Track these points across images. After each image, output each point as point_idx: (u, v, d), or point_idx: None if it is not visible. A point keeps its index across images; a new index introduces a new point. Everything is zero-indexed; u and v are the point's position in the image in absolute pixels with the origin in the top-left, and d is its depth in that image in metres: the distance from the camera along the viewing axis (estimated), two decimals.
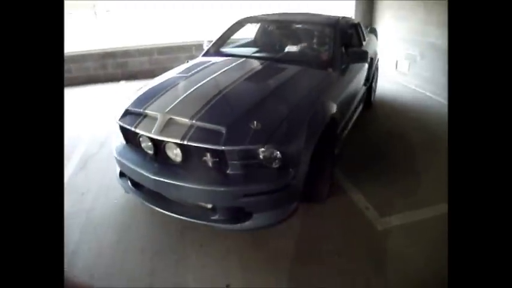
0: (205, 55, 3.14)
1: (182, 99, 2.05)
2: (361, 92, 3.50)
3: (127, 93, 2.47)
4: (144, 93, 2.28)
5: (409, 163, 2.92)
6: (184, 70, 2.62)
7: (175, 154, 1.89)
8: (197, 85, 2.22)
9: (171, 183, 1.85)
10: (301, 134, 1.88)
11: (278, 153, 1.77)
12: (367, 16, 5.63)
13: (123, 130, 2.16)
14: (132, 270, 1.88)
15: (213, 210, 1.92)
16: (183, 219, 1.95)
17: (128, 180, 2.21)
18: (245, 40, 3.76)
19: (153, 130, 1.88)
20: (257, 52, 3.09)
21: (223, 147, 1.72)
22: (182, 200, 1.99)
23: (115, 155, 2.17)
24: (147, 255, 1.97)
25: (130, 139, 2.15)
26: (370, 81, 3.75)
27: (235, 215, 1.88)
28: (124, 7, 5.70)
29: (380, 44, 5.42)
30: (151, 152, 1.99)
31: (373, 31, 4.50)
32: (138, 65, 5.76)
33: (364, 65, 3.37)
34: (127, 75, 5.72)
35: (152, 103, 2.09)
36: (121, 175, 2.30)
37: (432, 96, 4.56)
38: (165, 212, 1.99)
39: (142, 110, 2.05)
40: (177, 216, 1.96)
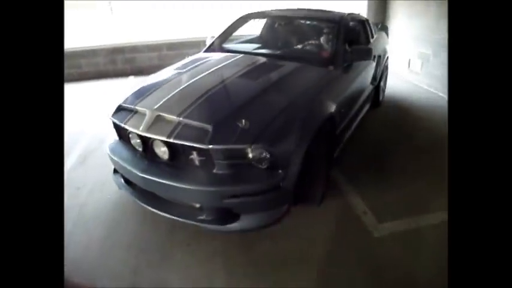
0: (206, 51, 3.11)
1: (172, 95, 2.01)
2: (367, 91, 3.38)
3: (124, 89, 2.45)
4: (139, 89, 2.25)
5: (414, 166, 2.79)
6: (181, 66, 2.58)
7: (163, 152, 1.85)
8: (190, 81, 2.17)
9: (158, 181, 1.81)
10: (292, 134, 1.81)
11: (266, 153, 1.71)
12: (379, 14, 5.46)
13: (115, 126, 2.14)
14: (116, 266, 1.86)
15: (201, 209, 1.88)
16: (171, 217, 1.92)
17: (121, 176, 2.19)
18: (251, 36, 3.70)
19: (141, 127, 1.84)
20: (258, 48, 3.02)
21: (208, 146, 1.66)
22: (170, 198, 1.96)
23: (107, 151, 2.15)
24: (133, 252, 1.95)
25: (122, 135, 2.13)
26: (377, 80, 3.62)
27: (222, 216, 1.83)
28: (134, 4, 5.75)
29: (393, 43, 5.26)
30: (140, 149, 1.96)
31: (383, 28, 4.34)
32: (147, 61, 5.78)
33: (370, 63, 3.25)
34: (136, 70, 5.75)
35: (143, 99, 2.06)
36: (115, 171, 2.28)
37: (444, 96, 4.37)
38: (153, 210, 1.97)
39: (133, 106, 2.02)
40: (165, 214, 1.92)
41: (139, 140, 1.92)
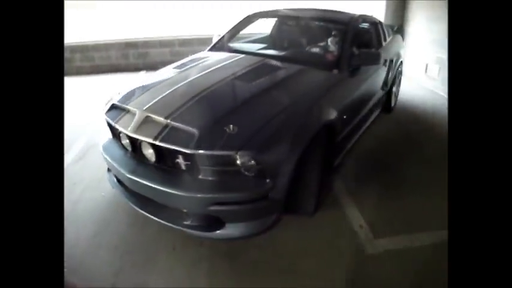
0: (211, 49, 3.05)
1: (164, 96, 1.96)
2: (377, 97, 3.24)
3: (121, 85, 2.42)
4: (134, 87, 2.22)
5: (421, 178, 2.64)
6: (179, 65, 2.53)
7: (150, 154, 1.81)
8: (184, 82, 2.12)
9: (144, 183, 1.77)
10: (283, 142, 1.73)
11: (253, 161, 1.63)
12: (397, 17, 5.24)
13: (108, 124, 2.11)
14: (100, 266, 1.84)
15: (187, 215, 1.83)
16: (158, 220, 1.87)
17: (114, 175, 2.17)
18: (262, 35, 3.62)
19: (130, 127, 1.80)
20: (263, 49, 2.93)
21: (193, 150, 1.60)
22: (157, 201, 1.91)
23: (100, 149, 2.13)
24: (119, 252, 1.92)
25: (115, 134, 2.10)
26: (389, 85, 3.46)
27: (207, 223, 1.77)
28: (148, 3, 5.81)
29: (410, 46, 5.07)
30: (130, 150, 1.93)
31: (399, 31, 4.16)
32: (159, 56, 5.79)
33: (381, 67, 3.11)
34: (148, 65, 5.77)
35: (136, 98, 2.02)
36: (108, 170, 2.26)
37: None
38: (141, 212, 1.93)
39: (125, 105, 1.98)
40: (151, 216, 1.88)
41: (128, 141, 1.89)
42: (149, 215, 1.89)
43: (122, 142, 1.96)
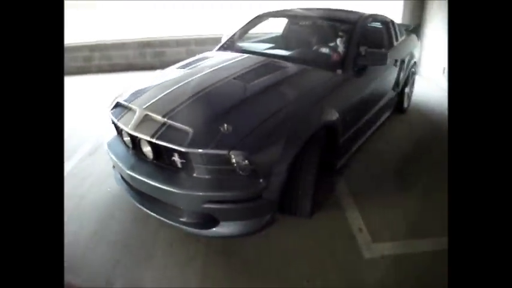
0: (219, 49, 3.08)
1: (165, 95, 2.00)
2: (387, 97, 3.17)
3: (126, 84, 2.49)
4: (139, 86, 2.27)
5: (427, 182, 2.56)
6: (184, 64, 2.57)
7: (148, 151, 1.85)
8: (185, 81, 2.15)
9: (142, 179, 1.81)
10: (278, 142, 1.72)
11: (246, 161, 1.64)
12: (415, 17, 5.08)
13: (112, 121, 2.18)
14: (97, 260, 1.90)
15: (183, 212, 1.86)
16: (156, 216, 1.92)
17: (118, 172, 2.23)
18: (272, 35, 3.62)
19: (130, 125, 1.85)
20: (270, 48, 2.92)
21: (186, 149, 1.63)
22: (156, 198, 1.95)
23: (105, 146, 2.20)
24: (117, 248, 1.98)
25: (118, 131, 2.17)
26: (400, 85, 3.38)
27: (201, 220, 1.80)
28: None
29: (428, 47, 4.91)
30: (130, 147, 1.98)
31: (415, 31, 4.04)
32: (175, 55, 5.88)
33: (391, 68, 3.04)
34: (164, 64, 5.86)
35: (139, 97, 2.07)
36: (114, 166, 2.33)
37: None
38: (141, 207, 1.98)
39: (127, 103, 2.04)
40: (150, 212, 1.93)
41: (128, 138, 1.94)
42: (148, 211, 1.94)
43: (124, 139, 2.02)
